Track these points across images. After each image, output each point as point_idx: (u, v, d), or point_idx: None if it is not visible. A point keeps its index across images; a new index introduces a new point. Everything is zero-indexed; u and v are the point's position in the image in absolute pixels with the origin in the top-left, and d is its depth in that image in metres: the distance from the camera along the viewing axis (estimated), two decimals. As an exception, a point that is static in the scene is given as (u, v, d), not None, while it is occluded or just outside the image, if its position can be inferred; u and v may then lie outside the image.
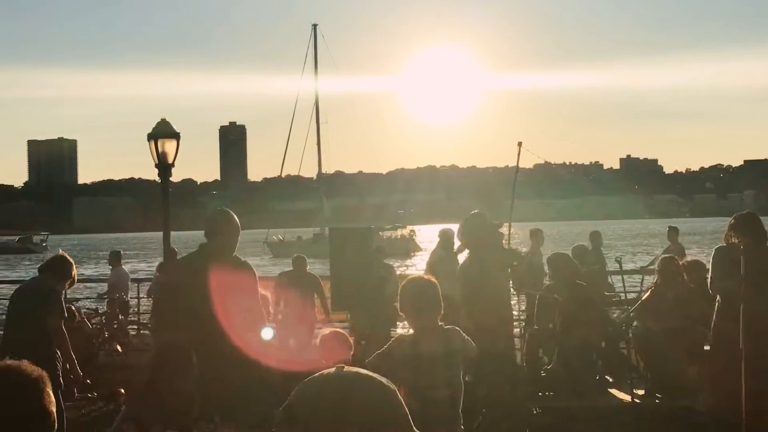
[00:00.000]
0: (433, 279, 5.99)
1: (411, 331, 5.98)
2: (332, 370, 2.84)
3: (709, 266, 8.84)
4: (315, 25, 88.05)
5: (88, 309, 17.89)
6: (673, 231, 17.20)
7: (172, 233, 13.89)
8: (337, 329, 7.12)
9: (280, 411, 2.91)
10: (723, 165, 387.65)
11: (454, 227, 15.89)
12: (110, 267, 18.09)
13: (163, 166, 12.68)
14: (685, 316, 10.33)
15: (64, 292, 9.04)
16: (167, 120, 12.82)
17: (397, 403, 2.79)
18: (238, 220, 7.18)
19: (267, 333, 7.04)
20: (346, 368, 2.86)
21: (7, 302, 9.20)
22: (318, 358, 6.72)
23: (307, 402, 2.77)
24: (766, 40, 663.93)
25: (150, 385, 9.49)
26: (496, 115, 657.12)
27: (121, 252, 18.47)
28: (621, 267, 11.97)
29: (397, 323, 15.39)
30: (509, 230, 15.46)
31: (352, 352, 6.81)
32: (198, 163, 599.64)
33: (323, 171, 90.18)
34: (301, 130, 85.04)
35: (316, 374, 2.86)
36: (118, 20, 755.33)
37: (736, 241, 8.40)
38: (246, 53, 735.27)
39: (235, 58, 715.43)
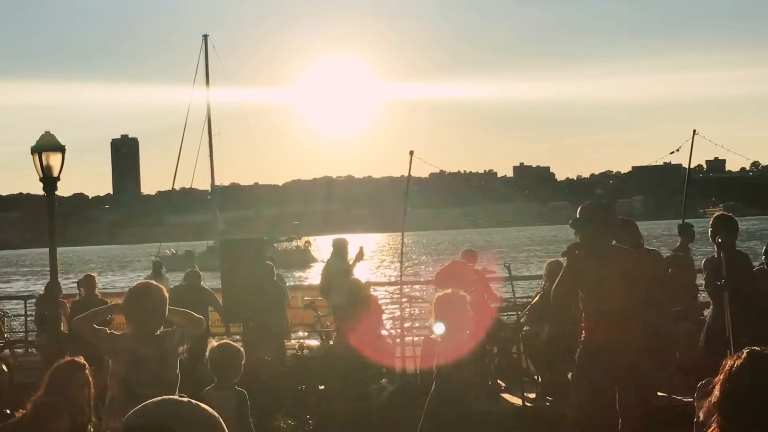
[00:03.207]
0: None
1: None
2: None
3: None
4: (206, 36, 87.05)
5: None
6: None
7: (64, 249, 13.58)
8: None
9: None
10: (612, 171, 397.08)
11: (349, 237, 15.99)
12: None
13: (48, 180, 12.38)
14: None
15: None
16: (52, 133, 12.53)
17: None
18: None
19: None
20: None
21: None
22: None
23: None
24: (652, 55, 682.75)
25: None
26: (392, 125, 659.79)
27: None
28: (510, 273, 12.18)
29: (291, 334, 15.32)
30: (402, 239, 15.62)
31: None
32: (89, 177, 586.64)
33: (217, 183, 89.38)
34: (194, 142, 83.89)
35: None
36: (2, 28, 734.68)
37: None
38: (137, 65, 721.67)
39: (126, 69, 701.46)
